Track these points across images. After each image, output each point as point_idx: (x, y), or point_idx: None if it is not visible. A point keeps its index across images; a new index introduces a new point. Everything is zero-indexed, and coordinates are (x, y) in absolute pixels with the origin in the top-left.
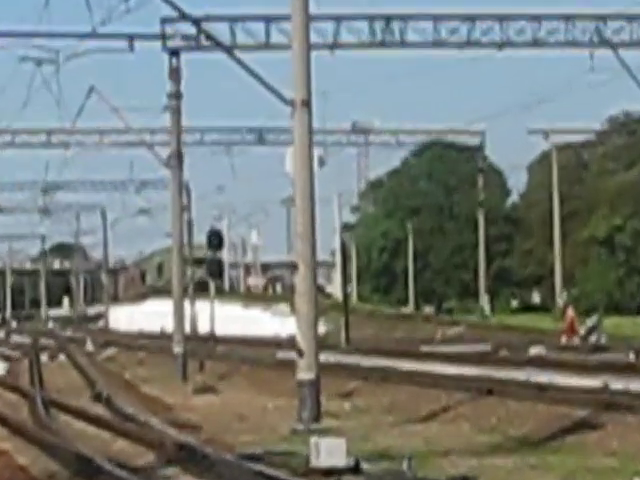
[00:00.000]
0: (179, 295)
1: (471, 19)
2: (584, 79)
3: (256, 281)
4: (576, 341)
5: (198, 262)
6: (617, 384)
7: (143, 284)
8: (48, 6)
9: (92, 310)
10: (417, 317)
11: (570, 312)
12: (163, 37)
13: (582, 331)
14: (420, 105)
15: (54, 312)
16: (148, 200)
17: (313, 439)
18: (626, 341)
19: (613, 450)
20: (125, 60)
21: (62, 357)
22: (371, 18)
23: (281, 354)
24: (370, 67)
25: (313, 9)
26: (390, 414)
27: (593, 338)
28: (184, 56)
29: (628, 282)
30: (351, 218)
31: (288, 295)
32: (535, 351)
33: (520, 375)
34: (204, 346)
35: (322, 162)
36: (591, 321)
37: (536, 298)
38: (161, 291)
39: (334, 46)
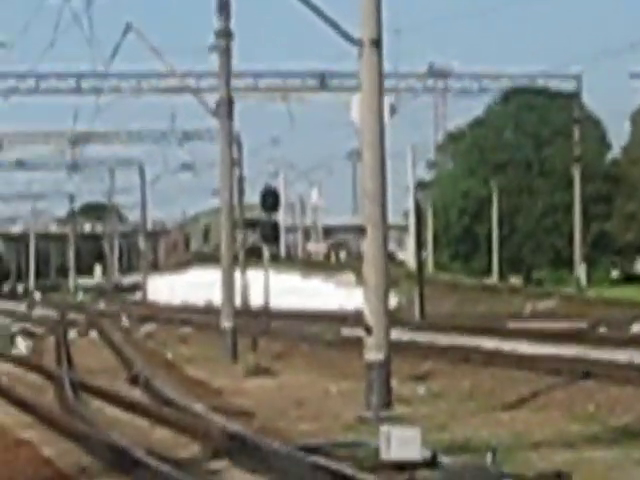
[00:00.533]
0: (228, 263)
1: None
2: None
3: (317, 247)
4: None
5: (250, 225)
6: None
7: (187, 250)
8: None
9: (128, 280)
10: (503, 289)
11: None
12: None
13: None
14: (506, 45)
15: (84, 282)
16: (193, 154)
17: (383, 428)
18: None
19: None
20: None
21: (93, 333)
22: None
23: (346, 331)
24: (450, 1)
25: None
26: (471, 400)
27: None
28: None
29: None
30: (427, 175)
31: (354, 263)
32: (636, 328)
33: (622, 356)
34: (257, 321)
35: (394, 110)
36: None
37: None
38: (207, 258)
39: None
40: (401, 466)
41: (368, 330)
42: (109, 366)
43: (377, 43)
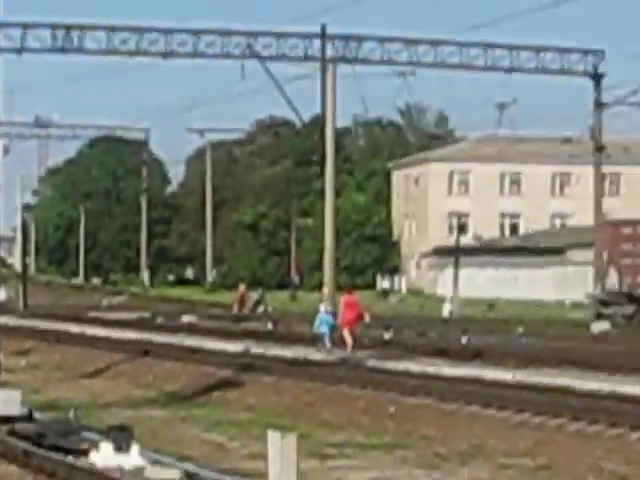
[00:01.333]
0: None
1: (139, 31)
2: (237, 86)
3: None
4: (245, 312)
5: None
6: (257, 349)
7: None
8: None
9: None
10: (86, 287)
11: (242, 288)
12: None
13: (250, 304)
14: (95, 103)
15: None
16: None
17: None
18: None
19: (251, 405)
20: None
21: None
22: (54, 26)
23: None
24: (53, 69)
25: (2, 17)
26: (61, 370)
27: (261, 309)
28: None
29: (269, 261)
30: (32, 200)
31: None
32: (187, 319)
33: (174, 339)
34: None
35: (7, 151)
36: (256, 295)
37: (190, 273)
38: None
39: (21, 50)
40: (5, 420)
41: None
42: None
43: None
